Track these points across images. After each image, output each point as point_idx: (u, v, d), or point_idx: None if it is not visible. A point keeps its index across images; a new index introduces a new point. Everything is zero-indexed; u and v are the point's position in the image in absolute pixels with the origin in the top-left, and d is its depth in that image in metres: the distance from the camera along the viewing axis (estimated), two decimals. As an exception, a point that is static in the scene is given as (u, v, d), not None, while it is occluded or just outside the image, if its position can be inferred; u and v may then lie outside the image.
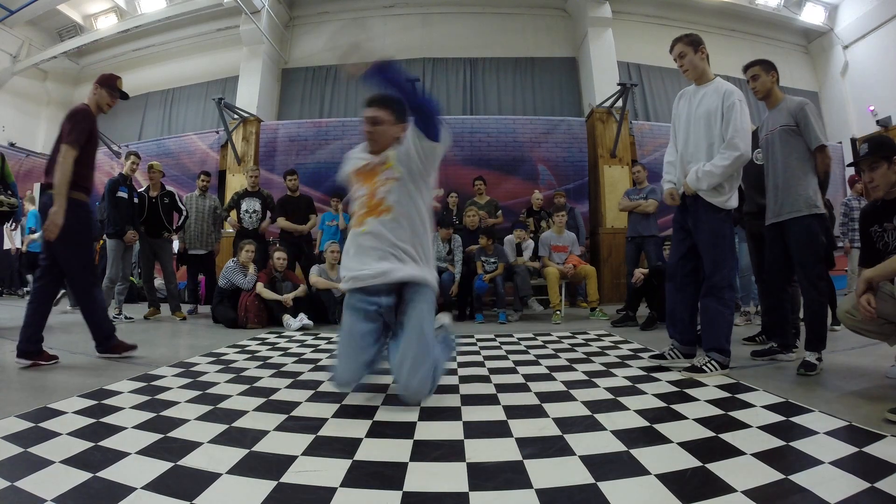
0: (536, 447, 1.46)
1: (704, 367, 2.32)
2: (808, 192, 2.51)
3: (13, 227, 4.98)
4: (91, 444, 1.46)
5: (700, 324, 2.53)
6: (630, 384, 2.22)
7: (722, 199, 2.41)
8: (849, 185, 5.83)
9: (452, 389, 2.18)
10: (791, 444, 1.43)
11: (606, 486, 1.20)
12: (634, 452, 1.40)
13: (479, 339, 3.64)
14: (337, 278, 4.61)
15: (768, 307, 3.01)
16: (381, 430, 1.63)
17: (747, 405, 1.85)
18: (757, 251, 3.27)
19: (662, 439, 1.51)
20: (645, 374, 2.42)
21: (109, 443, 1.48)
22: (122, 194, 4.68)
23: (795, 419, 1.65)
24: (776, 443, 1.44)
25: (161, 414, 1.78)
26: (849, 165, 2.56)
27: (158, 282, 5.64)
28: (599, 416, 1.75)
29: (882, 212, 2.16)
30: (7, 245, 7.40)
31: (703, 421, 1.67)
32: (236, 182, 7.26)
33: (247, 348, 3.28)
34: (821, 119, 2.57)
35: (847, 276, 5.79)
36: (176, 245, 5.61)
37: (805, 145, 2.55)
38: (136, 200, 4.86)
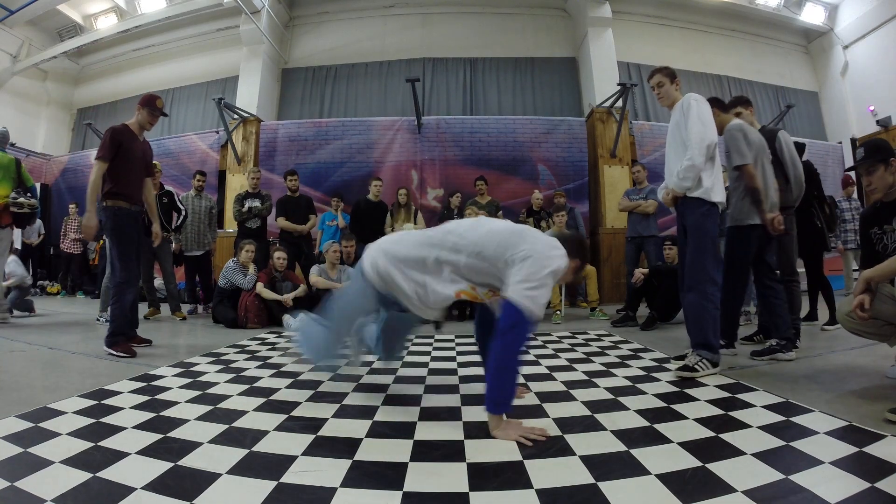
0: (536, 447, 1.46)
1: (697, 367, 2.32)
2: (731, 210, 2.86)
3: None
4: (91, 444, 1.46)
5: (684, 319, 2.57)
6: (630, 384, 2.22)
7: (702, 189, 2.48)
8: (841, 187, 5.80)
9: (452, 389, 2.18)
10: (791, 444, 1.43)
11: (606, 486, 1.20)
12: (634, 452, 1.40)
13: (479, 339, 3.64)
14: (337, 278, 4.61)
15: (761, 306, 3.08)
16: (381, 430, 1.63)
17: (747, 405, 1.85)
18: (782, 249, 3.21)
19: (662, 439, 1.51)
20: (645, 374, 2.43)
21: (109, 443, 1.48)
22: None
23: (795, 419, 1.65)
24: (776, 443, 1.45)
25: (161, 414, 1.78)
26: (847, 170, 2.58)
27: (158, 282, 5.63)
28: (599, 416, 1.75)
29: (881, 214, 2.17)
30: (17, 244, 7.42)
31: (703, 421, 1.67)
32: (236, 182, 7.26)
33: (247, 348, 3.28)
34: (744, 140, 2.78)
35: (843, 276, 5.79)
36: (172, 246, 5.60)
37: None
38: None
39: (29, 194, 4.24)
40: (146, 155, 3.33)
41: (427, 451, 1.45)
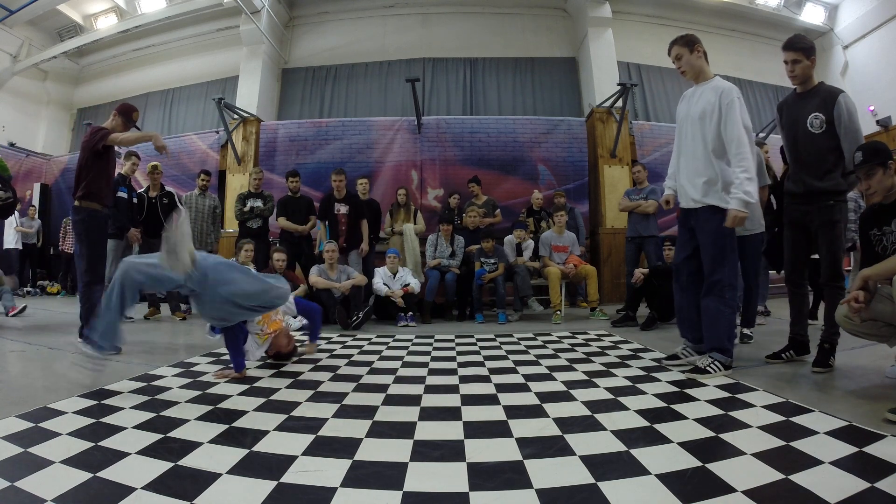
0: (536, 447, 1.46)
1: (708, 369, 2.31)
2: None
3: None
4: (91, 444, 1.46)
5: (702, 323, 2.53)
6: (630, 384, 2.22)
7: (721, 195, 2.40)
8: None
9: (452, 389, 2.18)
10: (791, 444, 1.43)
11: (606, 486, 1.20)
12: (634, 452, 1.40)
13: (479, 339, 3.64)
14: (336, 278, 4.61)
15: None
16: (381, 430, 1.63)
17: (747, 405, 1.85)
18: (795, 243, 2.64)
19: (662, 439, 1.51)
20: (645, 373, 2.42)
21: (109, 443, 1.48)
22: (122, 194, 4.68)
23: (795, 419, 1.65)
24: (776, 443, 1.45)
25: (161, 414, 1.78)
26: (846, 174, 2.53)
27: (158, 282, 5.62)
28: (599, 416, 1.75)
29: (881, 215, 2.17)
30: (8, 244, 7.42)
31: (703, 421, 1.67)
32: (236, 182, 7.25)
33: (247, 348, 3.28)
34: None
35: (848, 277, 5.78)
36: None
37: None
38: (135, 200, 4.86)
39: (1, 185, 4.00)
40: None
41: (427, 451, 1.45)
